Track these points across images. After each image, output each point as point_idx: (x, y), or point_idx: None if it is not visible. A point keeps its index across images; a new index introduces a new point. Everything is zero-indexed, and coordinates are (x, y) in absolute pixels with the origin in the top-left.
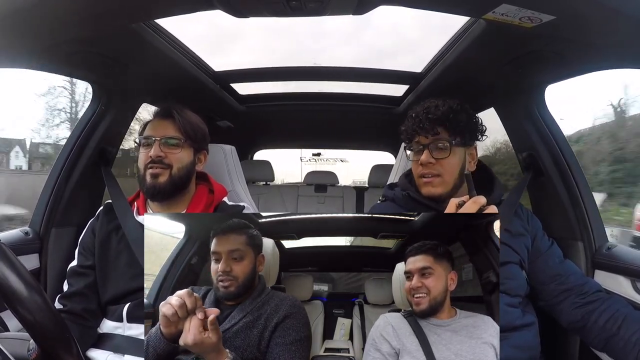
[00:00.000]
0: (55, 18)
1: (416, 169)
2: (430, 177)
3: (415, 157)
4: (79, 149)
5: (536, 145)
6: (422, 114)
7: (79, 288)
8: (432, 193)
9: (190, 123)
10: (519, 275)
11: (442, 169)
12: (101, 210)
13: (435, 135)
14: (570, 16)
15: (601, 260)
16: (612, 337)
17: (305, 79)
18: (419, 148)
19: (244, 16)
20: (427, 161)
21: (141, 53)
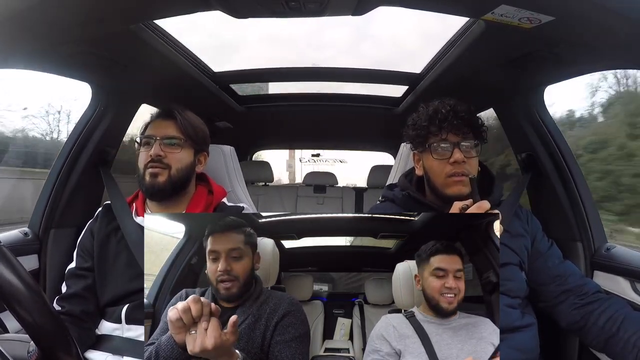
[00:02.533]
0: (54, 19)
1: (442, 168)
2: (462, 176)
3: (443, 156)
4: (78, 149)
5: (535, 146)
6: (450, 112)
7: (77, 290)
8: (463, 192)
9: (192, 124)
10: (519, 276)
11: (470, 169)
12: (100, 211)
13: (465, 134)
14: (570, 17)
15: (600, 261)
16: (611, 338)
17: (305, 79)
18: (447, 146)
19: (243, 17)
20: (461, 159)
21: (140, 54)
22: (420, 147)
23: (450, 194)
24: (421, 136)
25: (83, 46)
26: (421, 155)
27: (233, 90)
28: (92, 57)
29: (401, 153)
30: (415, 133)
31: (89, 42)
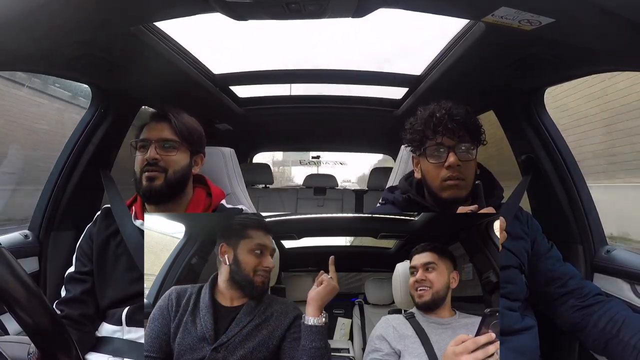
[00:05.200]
0: (55, 22)
1: (438, 172)
2: (456, 180)
3: (438, 160)
4: (77, 152)
5: (535, 148)
6: (445, 115)
7: (76, 294)
8: (458, 196)
9: (187, 126)
10: (519, 279)
11: (466, 172)
12: (99, 215)
13: (461, 137)
14: (570, 19)
15: (600, 263)
16: (611, 340)
17: (305, 82)
18: (442, 150)
19: (243, 19)
20: (456, 163)
21: (140, 56)
22: (417, 151)
23: (446, 198)
24: (417, 140)
25: (84, 48)
26: (419, 159)
27: (233, 92)
28: (92, 59)
29: (401, 155)
30: (411, 137)
31: (90, 44)
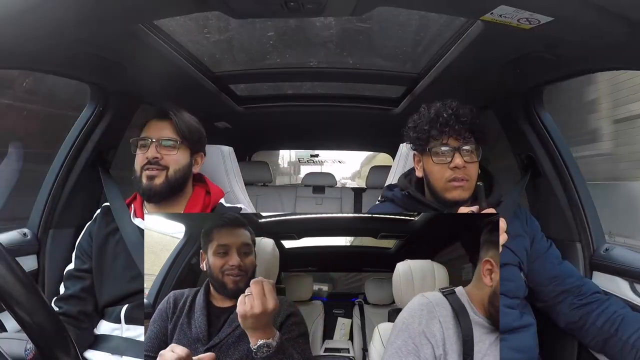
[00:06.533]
0: (54, 20)
1: (443, 172)
2: (462, 180)
3: (443, 160)
4: (76, 150)
5: (534, 147)
6: (452, 116)
7: (75, 291)
8: (463, 197)
9: (187, 124)
10: (518, 277)
11: (470, 173)
12: (98, 213)
13: (467, 139)
14: (568, 18)
15: (599, 261)
16: (610, 339)
17: (304, 80)
18: (448, 151)
19: (242, 17)
20: (462, 165)
21: (139, 54)
22: (420, 150)
23: (450, 199)
24: (422, 139)
25: (83, 47)
26: (421, 158)
27: (232, 90)
28: (91, 57)
29: (400, 153)
30: (415, 135)
31: (89, 42)
